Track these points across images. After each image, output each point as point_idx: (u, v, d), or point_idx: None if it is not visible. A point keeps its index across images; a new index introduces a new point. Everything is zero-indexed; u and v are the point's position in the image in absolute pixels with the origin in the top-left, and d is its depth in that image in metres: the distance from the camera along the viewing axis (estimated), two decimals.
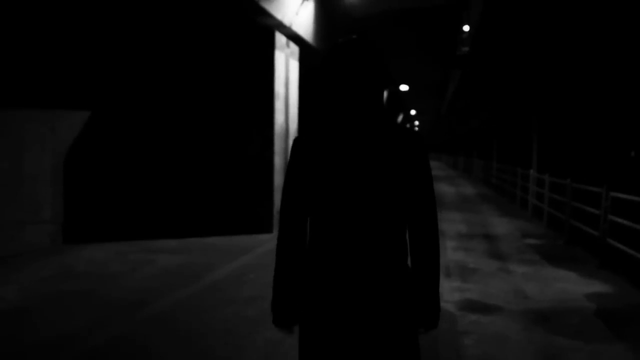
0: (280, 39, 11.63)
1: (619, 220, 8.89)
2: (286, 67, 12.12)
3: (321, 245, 2.25)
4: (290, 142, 12.37)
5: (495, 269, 8.75)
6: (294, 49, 12.75)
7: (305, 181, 2.26)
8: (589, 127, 18.58)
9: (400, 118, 51.44)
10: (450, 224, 13.71)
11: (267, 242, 10.45)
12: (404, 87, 31.33)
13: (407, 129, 2.29)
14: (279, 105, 11.65)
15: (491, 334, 5.66)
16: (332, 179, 2.21)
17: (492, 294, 7.18)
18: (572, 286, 7.75)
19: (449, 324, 5.90)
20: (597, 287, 7.75)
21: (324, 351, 2.24)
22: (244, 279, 7.68)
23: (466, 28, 21.30)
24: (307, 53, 13.96)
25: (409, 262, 2.33)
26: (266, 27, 11.29)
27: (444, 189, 26.09)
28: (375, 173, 2.19)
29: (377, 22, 17.83)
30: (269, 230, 11.47)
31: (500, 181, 24.06)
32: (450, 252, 9.99)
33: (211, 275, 7.84)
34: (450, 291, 7.27)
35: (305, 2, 12.40)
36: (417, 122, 79.29)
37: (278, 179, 11.76)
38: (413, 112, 54.67)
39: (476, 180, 33.24)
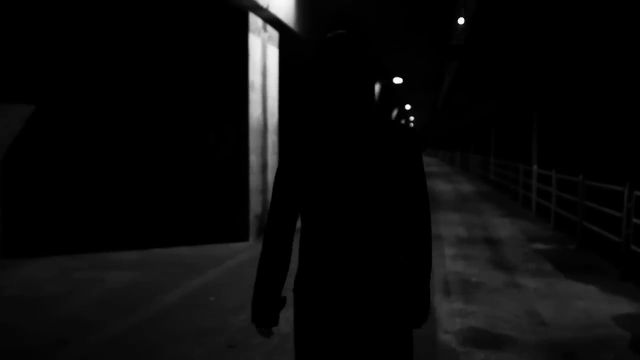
0: (255, 21, 10.32)
1: None
2: (263, 53, 10.82)
3: (314, 243, 2.23)
4: (270, 138, 11.09)
5: (502, 283, 7.48)
6: (273, 33, 11.44)
7: (297, 179, 2.23)
8: (597, 120, 17.35)
9: (395, 113, 50.20)
10: (449, 226, 12.44)
11: (240, 253, 9.17)
12: (397, 80, 30.06)
13: (401, 125, 2.30)
14: (254, 96, 10.34)
15: None
16: (325, 176, 2.19)
17: (501, 319, 5.90)
18: (595, 305, 6.49)
19: None
20: (625, 306, 6.49)
21: (319, 349, 2.23)
22: (202, 303, 6.39)
23: (461, 21, 20.23)
24: (288, 39, 12.66)
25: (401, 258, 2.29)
26: (239, 9, 9.98)
27: (441, 186, 24.80)
28: (369, 169, 2.17)
29: (367, 9, 16.54)
30: (244, 237, 10.18)
31: (500, 177, 22.81)
32: (449, 262, 8.72)
33: (163, 299, 6.53)
34: (450, 316, 6.00)
35: None
36: (412, 117, 78.17)
37: (255, 180, 10.46)
38: (408, 106, 53.47)
39: (474, 177, 31.97)
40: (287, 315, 2.39)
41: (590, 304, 6.52)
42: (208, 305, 6.32)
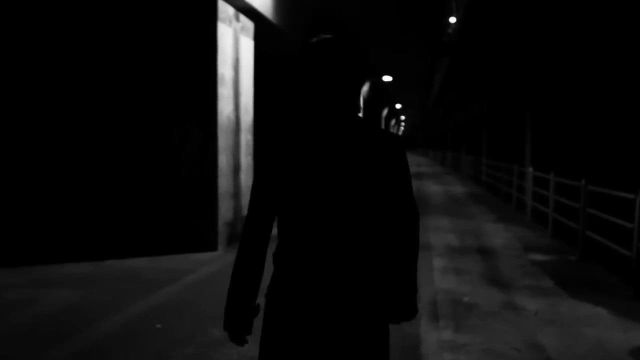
0: (225, 9, 9.33)
1: None
2: (235, 45, 9.82)
3: (292, 248, 2.20)
4: (242, 137, 10.09)
5: (499, 304, 6.53)
6: (247, 24, 10.44)
7: (275, 182, 2.20)
8: (595, 118, 16.49)
9: (385, 112, 49.25)
10: (438, 233, 11.48)
11: (205, 265, 8.18)
12: (387, 78, 29.11)
13: (383, 130, 2.28)
14: (224, 91, 9.33)
15: None
16: (304, 180, 2.16)
17: (498, 355, 4.95)
18: (607, 334, 5.55)
19: None
20: None
21: (286, 354, 2.18)
22: (146, 331, 5.40)
23: (452, 19, 19.35)
24: (265, 32, 11.68)
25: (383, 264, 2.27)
26: None
27: (431, 188, 23.85)
28: (349, 174, 2.15)
29: (352, 2, 15.57)
30: (212, 247, 9.17)
31: (493, 179, 21.89)
32: (438, 277, 7.77)
33: (100, 326, 5.54)
34: (438, 350, 5.04)
35: None
36: (403, 117, 77.32)
37: (225, 183, 9.46)
38: (398, 105, 52.55)
39: (466, 177, 31.05)
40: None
41: (602, 332, 5.58)
42: (152, 334, 5.33)
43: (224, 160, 9.37)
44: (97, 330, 5.41)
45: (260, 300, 2.24)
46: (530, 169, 14.99)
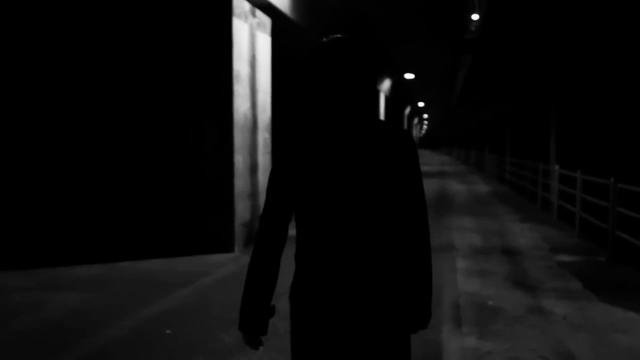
0: (241, 4, 9.10)
1: None
2: (251, 41, 9.60)
3: (312, 249, 2.18)
4: (260, 136, 9.86)
5: (525, 308, 6.23)
6: (264, 20, 10.22)
7: (292, 182, 2.18)
8: (621, 116, 16.03)
9: (407, 110, 48.84)
10: (462, 233, 11.17)
11: (220, 267, 7.98)
12: (409, 76, 28.77)
13: (397, 127, 2.24)
14: (240, 89, 9.11)
15: None
16: (321, 180, 2.14)
17: None
18: None
19: None
20: None
21: (317, 355, 2.17)
22: (154, 338, 5.18)
23: (475, 17, 18.98)
24: (283, 28, 11.47)
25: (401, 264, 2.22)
26: None
27: (454, 187, 23.46)
28: (365, 173, 2.13)
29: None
30: (228, 248, 8.96)
31: (517, 177, 21.46)
32: (461, 279, 7.47)
33: (107, 333, 5.33)
34: (461, 359, 4.76)
35: None
36: (426, 115, 76.79)
37: (241, 183, 9.24)
38: (421, 104, 52.12)
39: (489, 176, 30.58)
40: None
41: (636, 340, 5.26)
42: (161, 340, 5.11)
43: (240, 159, 9.15)
44: (103, 336, 5.20)
45: (277, 301, 2.26)
46: (557, 167, 14.59)
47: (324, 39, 2.21)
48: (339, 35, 2.20)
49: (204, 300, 6.39)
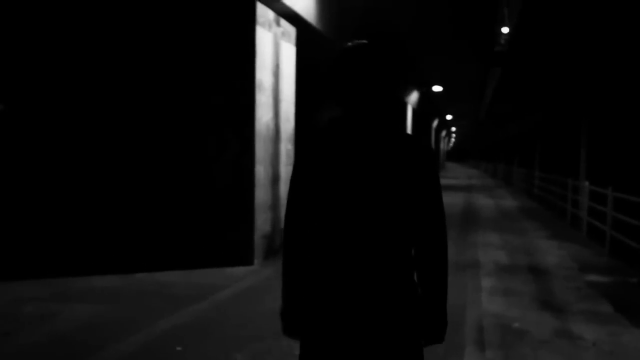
0: (265, 13, 8.97)
1: None
2: (275, 50, 9.45)
3: (325, 257, 2.17)
4: (282, 147, 9.70)
5: (552, 331, 5.95)
6: (288, 29, 10.07)
7: (310, 189, 2.20)
8: None
9: (435, 123, 48.45)
10: (487, 250, 10.88)
11: (239, 281, 7.79)
12: (437, 88, 28.48)
13: (416, 139, 2.23)
14: (262, 98, 8.96)
15: None
16: (336, 190, 2.15)
17: None
18: None
19: None
20: None
21: None
22: (162, 355, 5.00)
23: (505, 30, 18.77)
24: (309, 38, 11.31)
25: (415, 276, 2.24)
26: None
27: (481, 201, 23.08)
28: (378, 184, 2.13)
29: (401, 7, 15.07)
30: (247, 261, 8.78)
31: (546, 192, 21.05)
32: (485, 298, 7.21)
33: (117, 348, 5.17)
34: None
35: None
36: (454, 128, 76.25)
37: (262, 194, 9.07)
38: (449, 116, 51.70)
39: (517, 191, 30.10)
40: None
41: None
42: (170, 357, 4.94)
43: (261, 170, 8.99)
44: (111, 352, 5.04)
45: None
46: (587, 183, 14.22)
47: (349, 44, 2.22)
48: (364, 41, 2.22)
49: (219, 316, 6.21)
